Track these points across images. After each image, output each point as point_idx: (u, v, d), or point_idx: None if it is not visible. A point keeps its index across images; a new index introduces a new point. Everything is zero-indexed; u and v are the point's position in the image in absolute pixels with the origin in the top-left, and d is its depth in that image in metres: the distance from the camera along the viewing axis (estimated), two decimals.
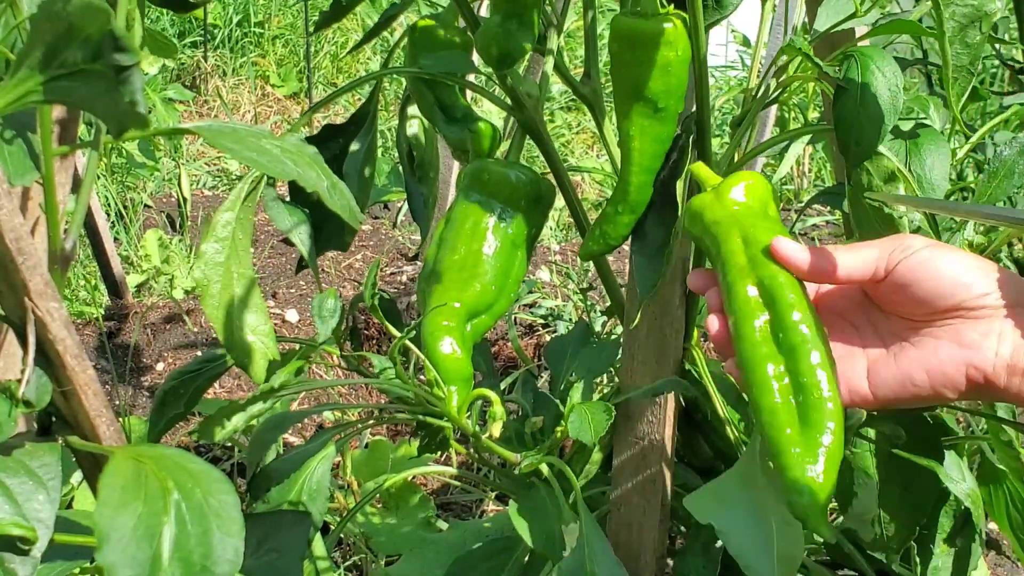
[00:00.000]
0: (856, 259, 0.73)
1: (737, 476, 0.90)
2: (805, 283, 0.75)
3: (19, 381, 0.57)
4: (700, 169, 0.81)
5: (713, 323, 0.76)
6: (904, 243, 0.72)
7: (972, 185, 1.10)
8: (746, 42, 3.93)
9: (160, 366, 2.39)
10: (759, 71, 0.99)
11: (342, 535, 1.70)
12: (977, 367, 0.69)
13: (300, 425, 2.14)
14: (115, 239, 2.78)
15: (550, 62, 0.98)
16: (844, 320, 0.77)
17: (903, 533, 1.01)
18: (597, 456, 1.09)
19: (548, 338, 2.38)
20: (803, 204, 1.30)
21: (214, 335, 2.45)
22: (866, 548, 1.08)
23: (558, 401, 1.08)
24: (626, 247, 0.95)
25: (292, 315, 2.62)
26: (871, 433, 1.02)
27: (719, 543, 1.03)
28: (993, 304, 0.69)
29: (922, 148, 0.95)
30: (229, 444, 1.99)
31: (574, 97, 1.07)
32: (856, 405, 0.74)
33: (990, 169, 0.98)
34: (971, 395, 0.71)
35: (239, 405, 0.87)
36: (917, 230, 1.06)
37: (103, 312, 2.53)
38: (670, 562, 1.12)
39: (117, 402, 2.20)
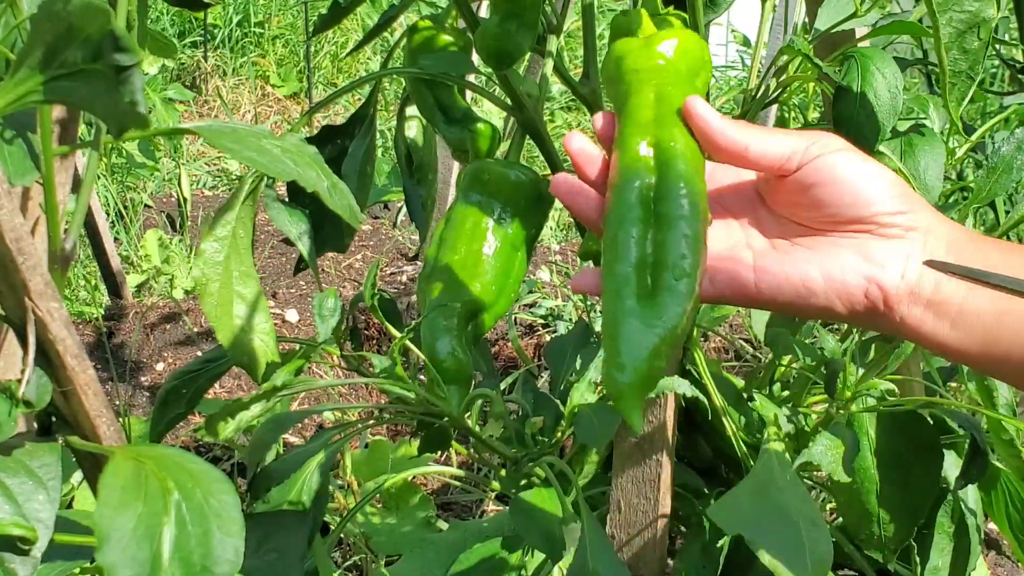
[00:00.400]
0: (774, 142, 0.65)
1: (755, 482, 0.90)
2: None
3: (19, 381, 0.57)
4: (643, 16, 0.72)
5: (590, 165, 0.67)
6: (824, 140, 0.65)
7: (972, 184, 1.10)
8: (746, 42, 3.92)
9: (160, 366, 2.39)
10: (759, 71, 0.99)
11: (342, 535, 1.70)
12: (881, 285, 0.63)
13: (300, 425, 2.14)
14: (115, 239, 2.78)
15: (550, 62, 0.98)
16: (732, 218, 0.70)
17: (901, 534, 1.01)
18: (597, 456, 1.09)
19: (548, 338, 2.38)
20: None
21: (214, 335, 2.45)
22: (863, 548, 1.08)
23: (558, 401, 1.08)
24: None
25: (292, 315, 2.62)
26: (872, 433, 1.02)
27: (720, 543, 1.04)
28: (905, 225, 0.64)
29: (917, 149, 0.95)
30: (229, 444, 1.99)
31: (574, 97, 1.07)
32: (736, 300, 0.67)
33: (988, 165, 0.98)
34: (864, 318, 0.65)
35: (243, 404, 0.87)
36: None
37: (103, 312, 2.53)
38: (670, 562, 1.12)
39: (117, 402, 2.20)
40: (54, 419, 0.63)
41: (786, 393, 1.19)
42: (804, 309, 0.66)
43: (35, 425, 0.64)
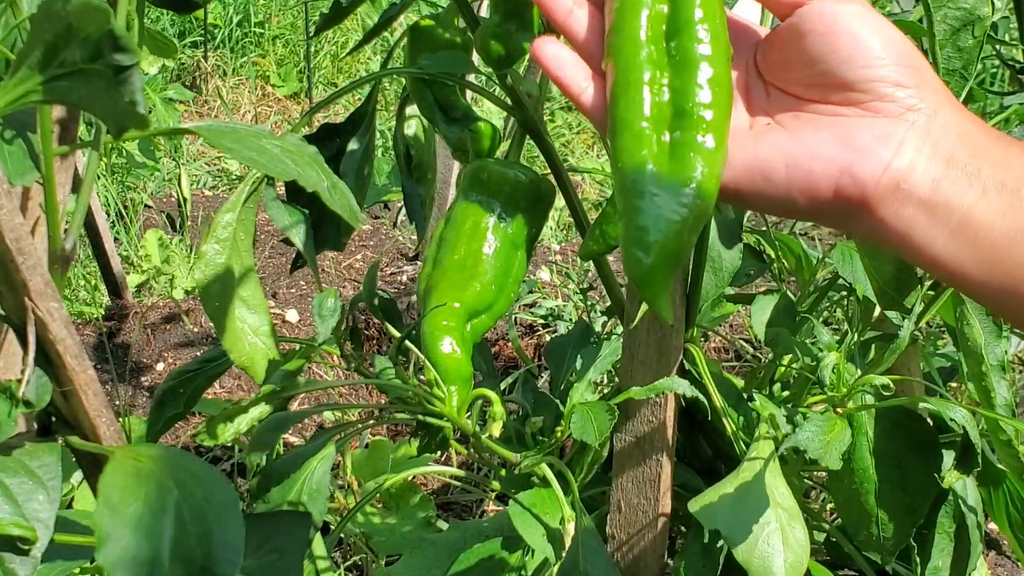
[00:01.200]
0: None
1: (740, 479, 0.90)
2: None
3: (19, 381, 0.57)
4: None
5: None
6: None
7: None
8: None
9: (160, 366, 2.39)
10: None
11: (342, 535, 1.70)
12: (856, 177, 0.52)
13: (300, 425, 2.14)
14: (115, 239, 2.78)
15: None
16: None
17: (900, 534, 1.01)
18: (597, 456, 1.09)
19: (548, 338, 2.38)
20: None
21: (214, 335, 2.45)
22: (863, 548, 1.08)
23: (558, 401, 1.08)
24: None
25: (292, 315, 2.62)
26: (870, 432, 1.02)
27: (720, 543, 1.03)
28: (905, 102, 0.52)
29: None
30: (229, 444, 1.99)
31: None
32: None
33: None
34: (835, 215, 0.54)
35: (242, 407, 0.87)
36: None
37: (103, 312, 2.53)
38: (670, 562, 1.12)
39: (117, 402, 2.20)
40: (54, 419, 0.63)
41: (786, 393, 1.19)
42: (760, 202, 0.55)
43: (35, 425, 0.64)
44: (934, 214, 0.51)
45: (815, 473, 1.31)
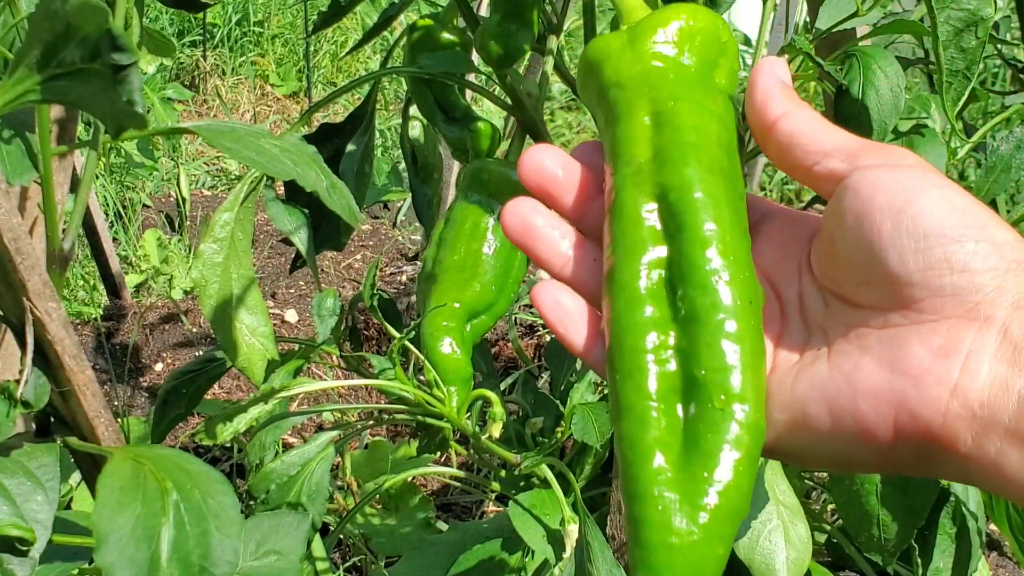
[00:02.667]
0: (815, 125, 0.45)
1: None
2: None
3: (18, 381, 0.57)
4: None
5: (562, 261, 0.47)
6: (887, 151, 0.43)
7: (972, 184, 1.10)
8: (747, 41, 3.92)
9: (159, 366, 2.38)
10: None
11: (341, 536, 1.70)
12: (914, 412, 0.38)
13: (300, 425, 2.14)
14: (114, 239, 2.77)
15: (550, 62, 0.98)
16: (769, 290, 0.46)
17: (901, 535, 1.01)
18: (598, 457, 1.09)
19: (548, 338, 2.38)
20: (803, 204, 1.31)
21: (213, 335, 2.45)
22: (864, 550, 1.08)
23: (558, 402, 1.08)
24: None
25: (292, 315, 2.62)
26: None
27: None
28: (973, 293, 0.38)
29: (918, 149, 0.95)
30: (228, 444, 1.99)
31: (574, 97, 1.07)
32: None
33: (987, 164, 0.98)
34: (908, 463, 0.40)
35: (241, 407, 0.87)
36: None
37: (101, 312, 2.53)
38: None
39: (115, 402, 2.19)
40: (52, 419, 0.63)
41: None
42: (807, 459, 0.43)
43: (33, 426, 0.63)
44: None
45: (816, 474, 1.30)
